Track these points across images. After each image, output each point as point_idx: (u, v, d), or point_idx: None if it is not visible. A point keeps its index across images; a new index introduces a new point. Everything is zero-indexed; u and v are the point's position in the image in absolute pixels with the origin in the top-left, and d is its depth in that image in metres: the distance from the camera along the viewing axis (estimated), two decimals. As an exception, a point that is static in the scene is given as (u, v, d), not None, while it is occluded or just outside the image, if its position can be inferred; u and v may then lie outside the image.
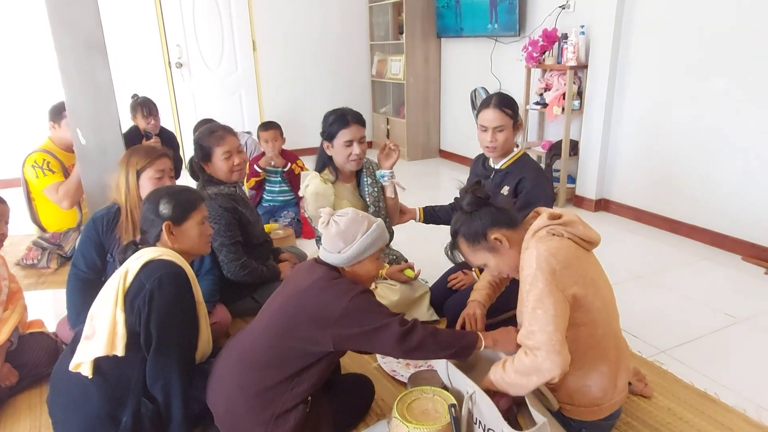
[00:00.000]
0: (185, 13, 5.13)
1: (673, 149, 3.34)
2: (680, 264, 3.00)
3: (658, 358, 2.08)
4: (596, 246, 1.50)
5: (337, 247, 1.48)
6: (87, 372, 1.44)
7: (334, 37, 5.79)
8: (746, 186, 2.98)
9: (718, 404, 1.81)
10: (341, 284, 1.44)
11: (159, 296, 1.44)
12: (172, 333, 1.47)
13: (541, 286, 1.34)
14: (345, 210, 1.54)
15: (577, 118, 3.90)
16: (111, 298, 1.46)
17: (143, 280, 1.46)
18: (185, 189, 1.68)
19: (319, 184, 2.26)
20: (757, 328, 2.31)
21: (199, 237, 1.65)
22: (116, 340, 1.42)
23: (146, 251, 1.54)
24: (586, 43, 3.71)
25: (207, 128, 2.28)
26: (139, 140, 3.55)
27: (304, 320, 1.41)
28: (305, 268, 1.55)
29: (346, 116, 2.21)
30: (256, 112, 5.66)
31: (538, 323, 1.33)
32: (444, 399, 1.51)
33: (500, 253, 1.48)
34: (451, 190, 2.41)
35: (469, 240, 1.49)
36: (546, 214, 1.46)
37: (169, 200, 1.60)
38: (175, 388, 1.49)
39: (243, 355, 1.50)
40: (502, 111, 2.12)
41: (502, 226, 1.46)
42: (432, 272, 2.53)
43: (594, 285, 1.42)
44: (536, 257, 1.36)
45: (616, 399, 1.51)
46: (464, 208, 1.50)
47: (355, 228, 1.49)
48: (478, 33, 4.75)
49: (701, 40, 3.06)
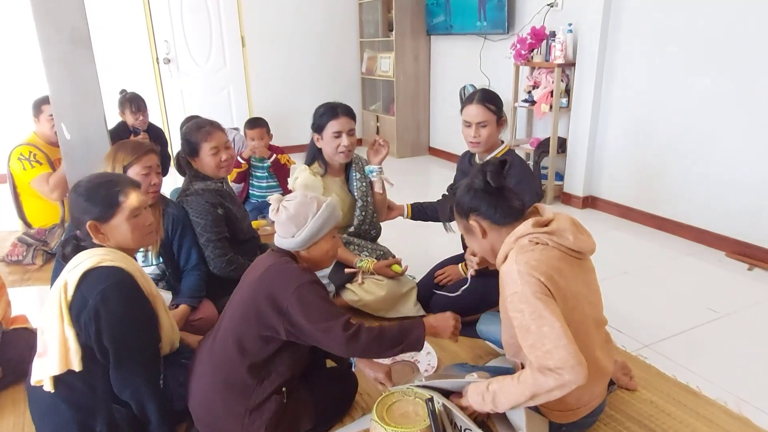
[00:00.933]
0: (173, 8, 5.08)
1: (658, 147, 3.37)
2: (665, 260, 3.03)
3: (642, 353, 2.11)
4: (589, 255, 1.45)
5: (290, 231, 1.49)
6: (49, 388, 1.37)
7: (324, 34, 5.78)
8: (730, 183, 3.02)
9: (700, 397, 1.84)
10: (290, 270, 1.44)
11: (105, 312, 1.34)
12: (129, 344, 1.39)
13: (534, 302, 1.28)
14: (296, 194, 1.54)
15: (564, 115, 3.93)
16: (55, 312, 1.36)
17: (85, 294, 1.35)
18: (105, 181, 1.50)
19: (308, 177, 2.28)
20: (739, 323, 2.34)
21: (133, 231, 1.49)
22: (70, 356, 1.35)
23: (84, 258, 1.41)
24: (574, 41, 3.73)
25: (194, 123, 2.27)
26: (127, 136, 3.51)
27: (259, 306, 1.41)
28: (262, 258, 1.56)
29: (336, 108, 2.25)
30: (244, 109, 5.63)
31: (550, 341, 1.24)
32: (425, 402, 1.49)
33: (474, 238, 1.49)
34: (440, 187, 2.43)
35: (456, 210, 1.51)
36: (531, 221, 1.39)
37: (87, 197, 1.45)
38: (145, 392, 1.44)
39: (212, 353, 1.50)
40: (485, 107, 2.13)
41: (486, 218, 1.44)
42: (419, 268, 2.54)
43: (574, 299, 1.36)
44: (518, 273, 1.31)
45: (593, 403, 1.51)
46: (474, 183, 1.44)
47: (305, 210, 1.49)
48: (467, 31, 4.76)
49: (687, 38, 3.09)
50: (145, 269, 2.08)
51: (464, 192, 1.46)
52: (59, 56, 2.27)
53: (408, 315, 2.32)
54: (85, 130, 2.37)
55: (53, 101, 2.34)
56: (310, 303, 1.39)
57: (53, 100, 2.34)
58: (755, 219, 2.93)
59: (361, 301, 2.30)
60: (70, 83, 2.32)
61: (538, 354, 1.25)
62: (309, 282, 1.42)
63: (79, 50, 2.29)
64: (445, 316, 1.58)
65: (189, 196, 2.18)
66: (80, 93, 2.33)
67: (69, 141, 2.36)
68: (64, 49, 2.27)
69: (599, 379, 1.50)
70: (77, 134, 2.35)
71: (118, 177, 1.58)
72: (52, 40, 2.24)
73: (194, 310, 2.08)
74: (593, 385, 1.48)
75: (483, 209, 1.43)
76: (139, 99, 3.56)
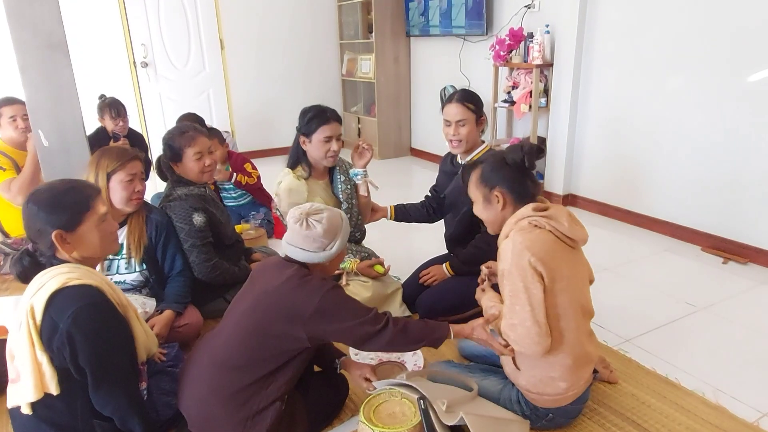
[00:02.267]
0: (150, 11, 5.02)
1: (634, 145, 3.45)
2: (643, 255, 3.10)
3: (622, 347, 2.16)
4: (582, 244, 1.55)
5: (320, 245, 1.50)
6: (26, 411, 1.33)
7: (304, 36, 5.76)
8: (703, 180, 3.10)
9: (679, 389, 1.89)
10: (313, 281, 1.46)
11: (79, 334, 1.28)
12: (106, 363, 1.34)
13: (516, 282, 1.43)
14: (317, 207, 1.55)
15: (544, 115, 3.99)
16: (25, 339, 1.28)
17: (54, 318, 1.28)
18: (71, 187, 1.42)
19: (293, 180, 2.27)
20: (715, 316, 2.41)
21: (102, 239, 1.43)
22: (45, 381, 1.29)
23: (47, 278, 1.32)
24: (551, 42, 3.80)
25: (176, 128, 2.25)
26: (107, 142, 3.47)
27: (277, 319, 1.41)
28: (273, 267, 1.55)
29: (326, 113, 2.24)
30: (225, 112, 5.59)
31: (516, 318, 1.44)
32: (411, 402, 1.51)
33: (490, 207, 1.59)
34: (422, 187, 2.45)
35: (481, 178, 1.59)
36: (532, 205, 1.52)
37: (53, 205, 1.35)
38: (126, 408, 1.40)
39: (214, 357, 1.48)
40: (464, 105, 2.18)
41: (510, 193, 1.55)
42: (404, 269, 2.56)
43: (564, 281, 1.46)
44: (511, 251, 1.44)
45: (580, 389, 1.57)
46: (510, 158, 1.54)
47: (337, 223, 1.52)
48: (446, 32, 4.80)
49: (659, 40, 3.18)
50: (128, 276, 2.07)
51: (497, 165, 1.56)
52: (35, 61, 2.23)
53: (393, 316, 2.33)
54: (63, 137, 2.33)
55: (30, 107, 2.29)
56: (339, 304, 1.44)
57: (30, 106, 2.29)
58: (728, 214, 3.02)
59: (347, 302, 2.31)
60: (47, 89, 2.27)
61: (506, 323, 1.48)
62: (333, 287, 1.46)
63: (56, 55, 2.25)
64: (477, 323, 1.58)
65: (172, 202, 2.17)
66: (57, 99, 2.29)
67: (47, 148, 2.32)
68: (40, 54, 2.23)
69: (585, 365, 1.57)
70: (55, 141, 2.31)
71: (81, 183, 1.50)
72: (27, 45, 2.20)
73: (179, 316, 2.07)
74: (580, 370, 1.55)
75: (509, 185, 1.54)
76: (118, 104, 3.52)
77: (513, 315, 1.45)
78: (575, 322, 1.51)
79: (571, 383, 1.54)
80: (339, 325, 1.42)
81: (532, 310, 1.42)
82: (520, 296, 1.43)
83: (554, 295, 1.45)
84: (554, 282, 1.44)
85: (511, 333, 1.46)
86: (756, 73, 2.76)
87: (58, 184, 1.44)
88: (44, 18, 2.20)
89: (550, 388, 1.54)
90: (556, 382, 1.53)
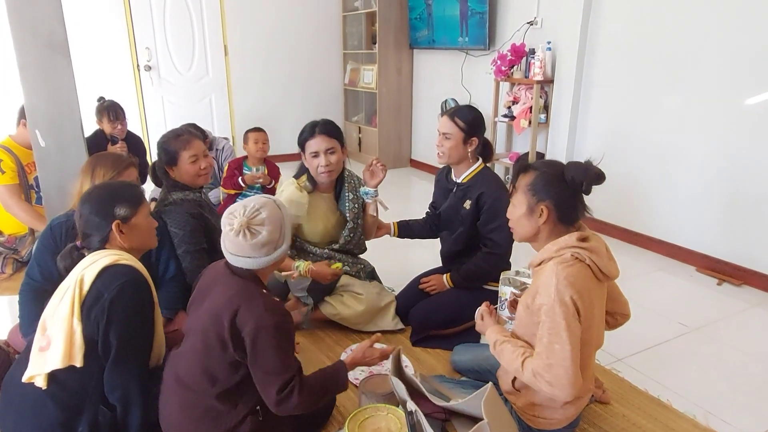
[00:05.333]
0: (155, 14, 5.05)
1: (632, 163, 3.45)
2: (637, 274, 3.10)
3: (615, 366, 2.14)
4: (611, 281, 1.51)
5: (269, 248, 1.39)
6: (41, 384, 1.39)
7: (307, 45, 5.80)
8: (700, 200, 3.10)
9: (670, 410, 1.88)
10: (257, 306, 1.35)
11: (120, 306, 1.39)
12: (132, 342, 1.43)
13: (558, 320, 1.35)
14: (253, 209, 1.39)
15: (543, 131, 4.00)
16: (66, 307, 1.39)
17: (101, 288, 1.40)
18: (125, 184, 1.62)
19: (294, 192, 2.23)
20: (708, 337, 2.40)
21: (148, 231, 1.61)
22: (74, 351, 1.37)
23: (101, 256, 1.47)
24: (553, 58, 3.82)
25: (172, 132, 2.24)
26: (105, 144, 3.46)
27: (223, 335, 1.34)
28: (219, 280, 1.45)
29: (315, 126, 2.20)
30: (226, 118, 5.61)
31: (555, 358, 1.34)
32: (398, 417, 1.49)
33: (530, 219, 1.48)
34: (420, 199, 2.43)
35: (534, 185, 1.47)
36: (577, 234, 1.44)
37: (114, 197, 1.53)
38: (134, 397, 1.45)
39: (179, 377, 1.44)
40: (453, 120, 2.17)
41: (556, 211, 1.45)
42: (399, 280, 2.55)
43: (591, 318, 1.42)
44: (555, 288, 1.36)
45: (571, 415, 1.56)
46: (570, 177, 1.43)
47: (278, 219, 1.41)
48: (449, 45, 4.83)
49: (660, 59, 3.19)
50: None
51: (554, 180, 1.44)
52: (35, 61, 2.23)
53: (386, 329, 2.31)
54: (60, 138, 2.32)
55: (28, 108, 2.29)
56: (264, 349, 1.32)
57: (28, 107, 2.29)
58: (724, 235, 3.01)
59: (339, 314, 2.29)
60: (46, 89, 2.27)
61: (541, 363, 1.37)
62: (274, 325, 1.33)
63: (57, 56, 2.25)
64: None
65: (168, 207, 2.16)
66: (56, 100, 2.29)
67: (44, 148, 2.31)
68: (40, 55, 2.23)
69: (587, 393, 1.57)
70: (53, 142, 2.31)
71: (129, 182, 1.70)
72: (27, 44, 2.20)
73: (169, 322, 2.05)
74: (583, 399, 1.55)
75: (559, 204, 1.44)
76: (117, 107, 3.51)
77: (551, 354, 1.34)
78: (589, 357, 1.48)
79: (574, 411, 1.54)
80: (253, 367, 1.34)
81: (572, 350, 1.33)
82: (562, 335, 1.33)
83: (584, 332, 1.40)
84: (585, 319, 1.39)
85: (546, 374, 1.35)
86: (754, 95, 2.78)
87: (113, 182, 1.67)
88: (45, 17, 2.20)
89: (549, 413, 1.52)
90: (558, 410, 1.52)
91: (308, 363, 2.07)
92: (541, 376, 1.36)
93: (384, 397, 1.63)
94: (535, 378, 1.37)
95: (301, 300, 2.36)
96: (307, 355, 2.16)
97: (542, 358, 1.37)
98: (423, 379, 1.69)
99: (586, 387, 1.51)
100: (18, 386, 1.44)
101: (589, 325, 1.40)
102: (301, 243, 2.32)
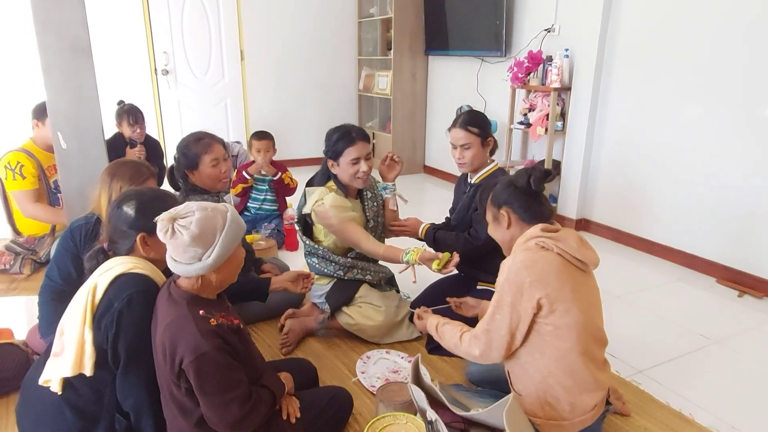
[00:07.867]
0: (173, 19, 5.11)
1: (650, 171, 3.41)
2: (656, 285, 3.05)
3: (635, 378, 2.11)
4: (593, 267, 1.54)
5: (195, 254, 1.28)
6: (56, 389, 1.39)
7: (322, 51, 5.83)
8: (720, 209, 3.05)
9: (693, 424, 1.84)
10: (190, 334, 1.27)
11: (128, 316, 1.37)
12: (140, 353, 1.40)
13: (504, 296, 1.46)
14: (188, 208, 1.31)
15: (559, 138, 3.97)
16: (79, 314, 1.39)
17: (111, 297, 1.38)
18: (158, 195, 1.55)
19: (336, 197, 2.18)
20: (730, 349, 2.35)
21: None
22: (84, 360, 1.36)
23: (116, 263, 1.45)
24: (570, 66, 3.79)
25: (192, 135, 2.25)
26: (123, 147, 3.50)
27: (173, 375, 1.30)
28: (160, 303, 1.38)
29: (351, 133, 2.16)
30: (241, 122, 5.64)
31: (493, 325, 1.49)
32: (417, 426, 1.47)
33: (499, 227, 1.63)
34: (434, 205, 2.42)
35: (493, 197, 1.63)
36: (541, 225, 1.53)
37: (142, 210, 1.47)
38: (145, 406, 1.43)
39: (164, 397, 1.40)
40: (467, 130, 2.20)
41: (516, 212, 1.57)
42: (413, 287, 2.52)
43: (570, 301, 1.44)
44: (509, 268, 1.47)
45: (587, 417, 1.52)
46: (516, 181, 1.57)
47: (211, 226, 1.28)
48: (464, 52, 4.82)
49: (679, 66, 3.16)
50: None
51: (505, 186, 1.60)
52: (59, 64, 2.26)
53: (401, 339, 2.30)
54: (82, 140, 2.35)
55: (50, 110, 2.32)
56: (211, 373, 1.27)
57: (50, 109, 2.32)
58: (744, 246, 2.96)
59: (357, 325, 2.25)
60: (69, 92, 2.30)
61: (481, 328, 1.53)
62: (210, 351, 1.26)
63: (80, 59, 2.28)
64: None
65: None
66: (79, 102, 2.32)
67: (65, 150, 2.34)
68: (64, 58, 2.26)
69: (593, 390, 1.52)
70: (74, 144, 2.33)
71: (164, 192, 1.64)
72: (52, 47, 2.23)
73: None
74: (585, 394, 1.50)
75: (516, 205, 1.57)
76: (136, 111, 3.55)
77: (491, 323, 1.49)
78: (581, 346, 1.47)
79: (576, 406, 1.50)
80: (203, 397, 1.28)
81: (510, 323, 1.45)
82: (504, 309, 1.46)
83: (557, 315, 1.44)
84: (558, 302, 1.43)
85: (483, 337, 1.50)
86: (778, 105, 2.74)
87: (146, 191, 1.58)
88: (70, 22, 2.23)
89: (555, 411, 1.50)
90: (561, 404, 1.49)
91: (323, 369, 2.06)
92: (478, 338, 1.52)
93: (402, 406, 1.61)
94: (469, 343, 1.53)
95: (318, 306, 2.35)
96: (322, 361, 2.15)
97: (482, 325, 1.52)
98: (442, 387, 1.67)
99: (591, 381, 1.49)
100: (37, 388, 1.44)
101: (567, 308, 1.44)
102: (324, 252, 2.30)
